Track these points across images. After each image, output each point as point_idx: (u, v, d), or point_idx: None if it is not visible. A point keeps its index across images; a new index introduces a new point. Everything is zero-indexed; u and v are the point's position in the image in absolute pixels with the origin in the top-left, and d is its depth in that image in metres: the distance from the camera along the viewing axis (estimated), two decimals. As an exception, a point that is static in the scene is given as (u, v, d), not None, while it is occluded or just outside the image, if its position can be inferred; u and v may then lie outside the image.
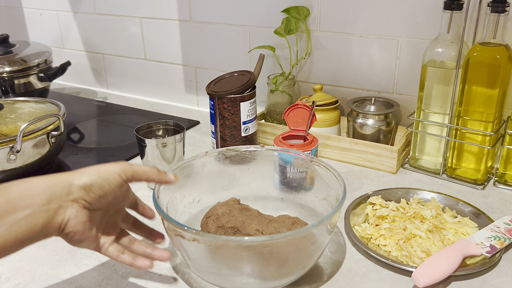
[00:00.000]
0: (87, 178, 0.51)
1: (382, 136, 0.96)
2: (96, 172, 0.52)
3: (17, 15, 1.56)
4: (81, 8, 1.39)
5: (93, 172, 0.52)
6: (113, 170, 0.53)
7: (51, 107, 0.99)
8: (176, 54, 1.27)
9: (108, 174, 0.52)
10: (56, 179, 0.50)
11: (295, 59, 1.07)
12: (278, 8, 1.05)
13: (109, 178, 0.52)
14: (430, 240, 0.67)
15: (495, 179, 0.86)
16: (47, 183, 0.50)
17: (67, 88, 1.52)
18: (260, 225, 0.63)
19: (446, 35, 0.82)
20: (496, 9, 0.76)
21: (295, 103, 0.83)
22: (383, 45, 0.98)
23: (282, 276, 0.59)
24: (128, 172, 0.54)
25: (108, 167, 0.53)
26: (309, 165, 0.73)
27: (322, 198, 0.70)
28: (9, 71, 1.20)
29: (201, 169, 0.73)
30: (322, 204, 0.70)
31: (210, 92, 0.92)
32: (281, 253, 0.57)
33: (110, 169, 0.53)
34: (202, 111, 1.27)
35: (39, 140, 0.88)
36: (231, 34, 1.16)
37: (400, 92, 1.00)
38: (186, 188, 0.71)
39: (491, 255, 0.65)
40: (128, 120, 1.23)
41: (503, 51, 0.77)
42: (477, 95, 0.80)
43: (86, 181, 0.51)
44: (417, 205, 0.76)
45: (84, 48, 1.45)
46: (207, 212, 0.69)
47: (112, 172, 0.52)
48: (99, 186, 0.51)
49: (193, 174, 0.72)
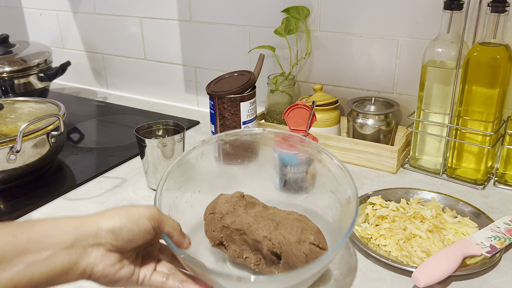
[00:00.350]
0: (117, 221, 0.49)
1: (382, 136, 0.96)
2: (126, 214, 0.49)
3: (17, 15, 1.56)
4: (81, 8, 1.39)
5: (123, 214, 0.49)
6: (143, 215, 0.50)
7: (51, 107, 0.99)
8: (176, 54, 1.27)
9: (138, 218, 0.50)
10: (84, 220, 0.48)
11: (295, 59, 1.07)
12: (278, 8, 1.05)
13: (138, 222, 0.50)
14: (430, 240, 0.67)
15: (495, 179, 0.86)
16: (74, 223, 0.47)
17: (67, 88, 1.52)
18: (267, 230, 0.60)
19: (446, 35, 0.82)
20: (496, 9, 0.76)
21: (295, 103, 0.83)
22: (383, 45, 0.98)
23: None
24: (157, 219, 0.52)
25: (139, 210, 0.51)
26: (315, 153, 0.69)
27: (329, 190, 0.67)
28: (9, 71, 1.20)
29: (200, 158, 0.69)
30: (329, 197, 0.67)
31: (210, 92, 0.92)
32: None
33: (141, 213, 0.50)
34: (202, 111, 1.27)
35: (39, 140, 0.88)
36: (231, 34, 1.16)
37: (400, 92, 1.00)
38: (187, 183, 0.69)
39: (491, 255, 0.65)
40: (128, 120, 1.23)
41: (503, 51, 0.77)
42: (477, 95, 0.80)
43: (115, 224, 0.48)
44: (417, 205, 0.76)
45: (84, 48, 1.45)
46: (211, 206, 0.67)
47: (142, 216, 0.50)
48: (129, 230, 0.49)
49: (191, 168, 0.69)
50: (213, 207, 0.66)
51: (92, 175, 0.93)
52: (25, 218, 0.80)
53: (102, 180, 0.92)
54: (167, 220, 0.53)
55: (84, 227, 0.47)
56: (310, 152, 0.71)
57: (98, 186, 0.90)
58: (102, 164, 0.99)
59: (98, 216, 0.49)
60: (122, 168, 0.97)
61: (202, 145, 0.68)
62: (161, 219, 0.52)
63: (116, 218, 0.49)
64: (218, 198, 0.67)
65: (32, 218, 0.80)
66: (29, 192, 0.88)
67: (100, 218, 0.49)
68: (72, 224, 0.47)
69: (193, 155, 0.69)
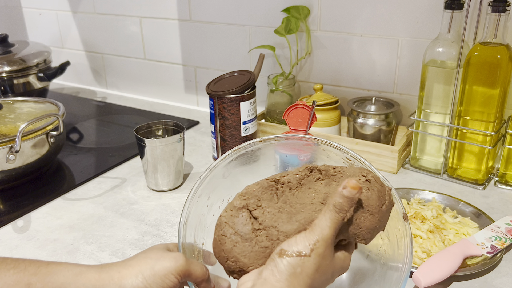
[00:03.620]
0: (141, 281, 0.44)
1: (382, 136, 0.95)
2: (152, 273, 0.45)
3: (16, 15, 1.56)
4: (80, 7, 1.39)
5: (147, 272, 0.45)
6: (169, 271, 0.46)
7: (50, 107, 0.99)
8: (175, 53, 1.27)
9: (164, 276, 0.45)
10: (106, 278, 0.44)
11: (295, 59, 1.07)
12: (278, 7, 1.05)
13: (165, 281, 0.45)
14: (430, 241, 0.67)
15: (496, 179, 0.86)
16: (94, 281, 0.44)
17: (66, 88, 1.52)
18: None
19: (446, 34, 0.82)
20: (497, 8, 0.76)
21: (295, 103, 0.83)
22: (383, 45, 0.98)
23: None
24: (185, 273, 0.47)
25: (165, 264, 0.46)
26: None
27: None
28: (8, 71, 1.20)
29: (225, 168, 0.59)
30: None
31: (210, 92, 0.92)
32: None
33: (167, 269, 0.46)
34: (202, 111, 1.27)
35: (38, 140, 0.87)
36: (231, 34, 1.16)
37: (401, 92, 1.00)
38: (213, 195, 0.58)
39: (492, 255, 0.64)
40: (127, 120, 1.23)
41: (504, 51, 0.77)
42: (477, 95, 0.80)
43: (139, 285, 0.44)
44: (417, 205, 0.76)
45: (84, 48, 1.45)
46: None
47: (169, 273, 0.46)
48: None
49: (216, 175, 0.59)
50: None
51: (92, 175, 0.93)
52: (25, 218, 0.80)
53: (102, 180, 0.92)
54: (195, 270, 0.48)
55: (105, 287, 0.44)
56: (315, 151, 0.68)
57: (97, 186, 0.90)
58: (101, 164, 0.98)
59: (121, 273, 0.45)
60: (121, 168, 0.97)
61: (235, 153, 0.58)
62: (189, 271, 0.47)
63: (140, 277, 0.45)
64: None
65: (32, 218, 0.80)
66: (29, 192, 0.88)
67: (123, 275, 0.45)
68: (92, 281, 0.44)
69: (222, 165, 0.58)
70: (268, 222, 0.45)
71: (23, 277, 0.42)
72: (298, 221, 0.44)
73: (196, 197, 0.54)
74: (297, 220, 0.44)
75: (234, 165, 0.59)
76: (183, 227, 0.52)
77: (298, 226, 0.44)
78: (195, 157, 1.00)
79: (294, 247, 0.41)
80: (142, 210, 0.82)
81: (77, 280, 0.44)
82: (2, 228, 0.78)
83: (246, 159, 0.61)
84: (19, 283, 0.42)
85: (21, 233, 0.76)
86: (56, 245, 0.73)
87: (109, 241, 0.74)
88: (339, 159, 0.58)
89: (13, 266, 0.44)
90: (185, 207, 0.53)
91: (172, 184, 0.87)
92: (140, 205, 0.83)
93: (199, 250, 0.55)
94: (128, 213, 0.81)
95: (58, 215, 0.81)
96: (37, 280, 0.42)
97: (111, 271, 0.45)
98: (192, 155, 1.01)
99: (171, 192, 0.87)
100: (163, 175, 0.85)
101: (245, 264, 0.44)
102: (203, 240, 0.55)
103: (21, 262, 0.44)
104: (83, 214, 0.81)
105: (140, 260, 0.47)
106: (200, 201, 0.55)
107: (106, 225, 0.78)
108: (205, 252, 0.55)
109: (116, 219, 0.79)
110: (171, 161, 0.84)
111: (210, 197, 0.51)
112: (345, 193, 0.41)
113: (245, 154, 0.59)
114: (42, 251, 0.71)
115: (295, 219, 0.44)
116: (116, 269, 0.46)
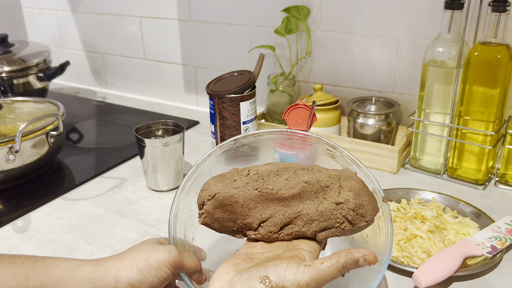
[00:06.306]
0: (136, 273, 0.46)
1: (382, 136, 0.95)
2: (146, 265, 0.47)
3: (16, 15, 1.55)
4: (80, 7, 1.39)
5: (142, 264, 0.47)
6: (163, 262, 0.47)
7: (50, 107, 0.99)
8: (175, 53, 1.27)
9: (158, 267, 0.47)
10: (102, 271, 0.46)
11: (295, 59, 1.07)
12: (278, 7, 1.05)
13: (159, 272, 0.47)
14: (431, 241, 0.67)
15: (496, 179, 0.86)
16: (91, 274, 0.45)
17: (66, 88, 1.52)
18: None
19: (446, 34, 0.82)
20: (497, 8, 0.76)
21: (295, 103, 0.82)
22: (383, 45, 0.98)
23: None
24: (178, 264, 0.49)
25: (158, 256, 0.47)
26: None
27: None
28: (8, 71, 1.20)
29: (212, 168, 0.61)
30: None
31: (210, 92, 0.92)
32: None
33: (161, 260, 0.47)
34: (202, 111, 1.27)
35: (38, 140, 0.87)
36: (231, 34, 1.16)
37: (401, 92, 1.00)
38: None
39: (492, 255, 0.64)
40: (127, 120, 1.23)
41: (504, 51, 0.77)
42: (478, 95, 0.80)
43: (135, 277, 0.46)
44: (417, 206, 0.76)
45: (83, 48, 1.45)
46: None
47: (162, 264, 0.47)
48: (149, 283, 0.47)
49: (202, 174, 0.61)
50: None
51: (92, 175, 0.93)
52: (25, 218, 0.80)
53: (101, 180, 0.92)
54: (187, 261, 0.50)
55: (102, 280, 0.45)
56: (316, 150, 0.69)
57: (97, 186, 0.90)
58: (101, 164, 0.98)
59: (117, 266, 0.46)
60: (121, 168, 0.97)
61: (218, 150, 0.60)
62: (182, 263, 0.49)
63: (135, 269, 0.46)
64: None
65: (31, 218, 0.80)
66: (28, 192, 0.88)
67: (118, 268, 0.46)
68: (89, 275, 0.45)
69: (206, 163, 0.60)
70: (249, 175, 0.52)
71: (21, 272, 0.43)
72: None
73: (184, 193, 0.56)
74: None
75: (220, 162, 0.61)
76: (173, 222, 0.54)
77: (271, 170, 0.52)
78: (195, 157, 1.00)
79: (281, 281, 0.40)
80: (142, 210, 0.82)
81: (73, 273, 0.44)
82: (2, 228, 0.77)
83: (232, 154, 0.63)
84: (16, 277, 0.42)
85: (21, 233, 0.76)
86: (56, 245, 0.73)
87: (109, 241, 0.73)
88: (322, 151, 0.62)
89: (11, 261, 0.44)
90: (174, 203, 0.55)
91: (172, 184, 0.87)
92: (140, 205, 0.83)
93: (189, 245, 0.56)
94: (128, 213, 0.81)
95: (58, 215, 0.81)
96: (35, 274, 0.43)
97: (106, 264, 0.47)
98: (192, 155, 1.01)
99: (171, 192, 0.87)
100: (163, 175, 0.85)
101: (212, 190, 0.50)
102: (192, 235, 0.58)
103: (18, 257, 0.45)
104: (83, 214, 0.81)
105: (134, 253, 0.48)
106: (188, 197, 0.57)
107: (106, 225, 0.78)
108: (195, 247, 0.57)
109: (116, 219, 0.79)
110: (171, 161, 0.84)
111: (198, 193, 0.53)
112: (361, 263, 0.42)
113: (229, 150, 0.61)
114: (42, 251, 0.71)
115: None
116: (112, 262, 0.47)
